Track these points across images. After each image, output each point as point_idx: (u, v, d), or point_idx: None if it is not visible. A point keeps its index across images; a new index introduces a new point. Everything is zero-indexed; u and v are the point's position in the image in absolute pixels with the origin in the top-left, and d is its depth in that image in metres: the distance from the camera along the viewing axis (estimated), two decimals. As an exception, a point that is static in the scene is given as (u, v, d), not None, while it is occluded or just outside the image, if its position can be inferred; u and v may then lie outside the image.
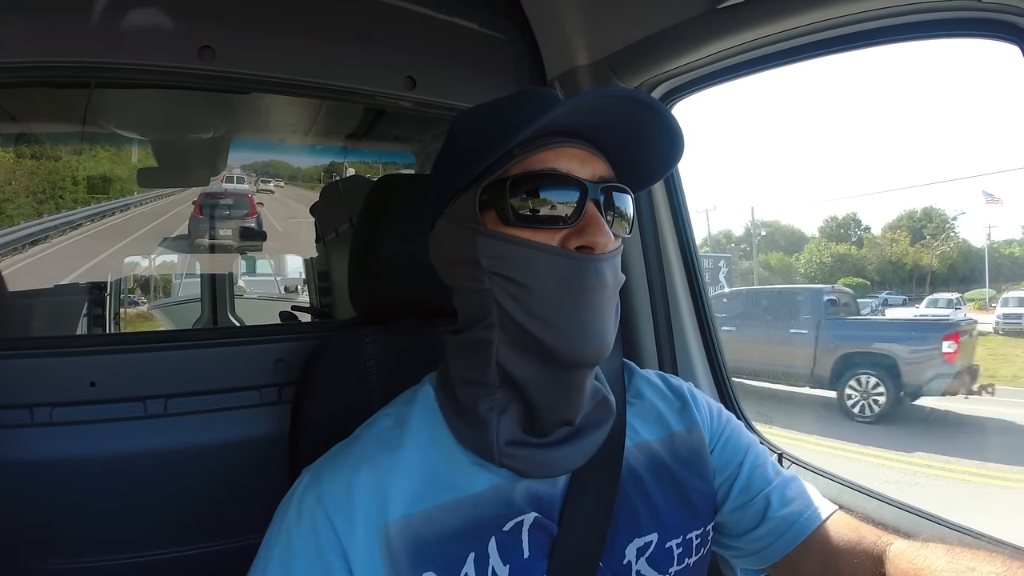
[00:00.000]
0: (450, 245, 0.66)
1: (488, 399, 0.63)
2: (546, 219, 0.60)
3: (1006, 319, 13.11)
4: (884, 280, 18.52)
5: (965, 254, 19.05)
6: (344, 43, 1.16)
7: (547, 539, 0.63)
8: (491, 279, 0.61)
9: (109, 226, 4.51)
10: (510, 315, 0.60)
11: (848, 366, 5.63)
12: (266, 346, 1.10)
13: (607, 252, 0.61)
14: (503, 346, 0.62)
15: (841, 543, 0.68)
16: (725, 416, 0.80)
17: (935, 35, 0.85)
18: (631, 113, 0.61)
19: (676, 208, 1.28)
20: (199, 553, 1.05)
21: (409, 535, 0.60)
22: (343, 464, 0.63)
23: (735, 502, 0.74)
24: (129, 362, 1.01)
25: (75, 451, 0.96)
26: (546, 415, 0.63)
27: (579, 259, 0.60)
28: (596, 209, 0.61)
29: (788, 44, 0.96)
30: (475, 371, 0.64)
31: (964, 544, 0.62)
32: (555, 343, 0.59)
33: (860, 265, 19.48)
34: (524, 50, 1.31)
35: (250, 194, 3.81)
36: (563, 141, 0.62)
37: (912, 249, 19.24)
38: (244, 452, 1.05)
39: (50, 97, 1.70)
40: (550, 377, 0.62)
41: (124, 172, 3.60)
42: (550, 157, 0.61)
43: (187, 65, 1.04)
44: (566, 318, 0.59)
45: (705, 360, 1.28)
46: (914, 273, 19.10)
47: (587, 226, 0.60)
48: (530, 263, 0.60)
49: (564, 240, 0.60)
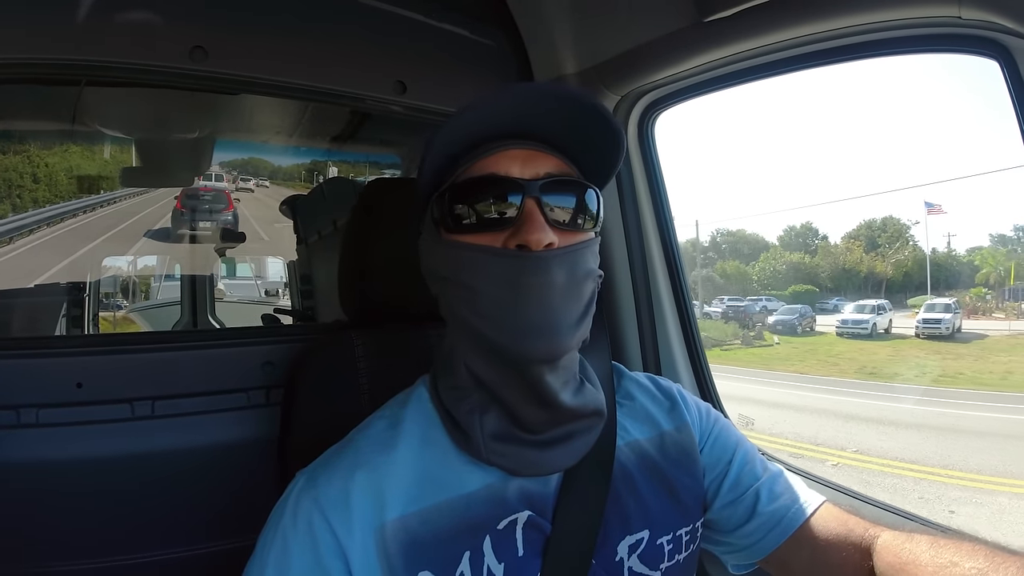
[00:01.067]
0: (424, 257, 0.70)
1: (466, 401, 0.65)
2: (488, 222, 0.63)
3: (925, 324, 15.01)
4: (838, 287, 19.60)
5: (920, 262, 20.00)
6: (336, 47, 1.17)
7: (541, 537, 0.65)
8: (445, 285, 0.65)
9: (73, 228, 4.31)
10: (462, 318, 0.64)
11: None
12: (254, 348, 1.10)
13: (554, 248, 0.61)
14: (465, 349, 0.65)
15: (830, 536, 0.70)
16: (714, 415, 0.82)
17: (917, 50, 0.88)
18: (559, 108, 0.63)
19: (659, 210, 1.31)
20: (187, 556, 1.03)
21: (404, 536, 0.60)
22: (339, 466, 0.64)
23: (725, 499, 0.76)
24: (116, 363, 1.00)
25: (62, 453, 0.95)
26: (524, 414, 0.64)
27: (516, 257, 0.61)
28: (535, 206, 0.62)
29: (773, 57, 1.00)
30: (451, 376, 0.67)
31: (948, 536, 0.64)
32: (501, 341, 0.61)
33: (813, 273, 20.37)
34: (513, 58, 1.33)
35: (227, 190, 3.84)
36: (507, 143, 0.64)
37: (867, 257, 20.23)
38: (232, 455, 1.04)
39: (35, 94, 1.66)
40: (510, 376, 0.63)
41: (94, 169, 3.52)
42: (491, 162, 0.64)
43: (178, 65, 1.04)
44: (509, 316, 0.60)
45: (687, 360, 1.31)
46: (869, 280, 20.05)
47: (522, 224, 0.61)
48: (472, 266, 0.62)
49: (506, 240, 0.62)
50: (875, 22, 0.86)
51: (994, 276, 18.20)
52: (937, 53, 0.88)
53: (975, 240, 19.73)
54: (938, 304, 16.40)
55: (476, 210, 0.63)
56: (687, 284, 1.31)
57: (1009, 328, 16.04)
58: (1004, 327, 16.16)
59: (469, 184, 0.64)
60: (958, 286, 18.50)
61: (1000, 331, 15.98)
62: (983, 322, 16.28)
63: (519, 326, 0.60)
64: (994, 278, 18.19)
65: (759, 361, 11.89)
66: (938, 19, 0.80)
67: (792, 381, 9.61)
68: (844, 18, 0.88)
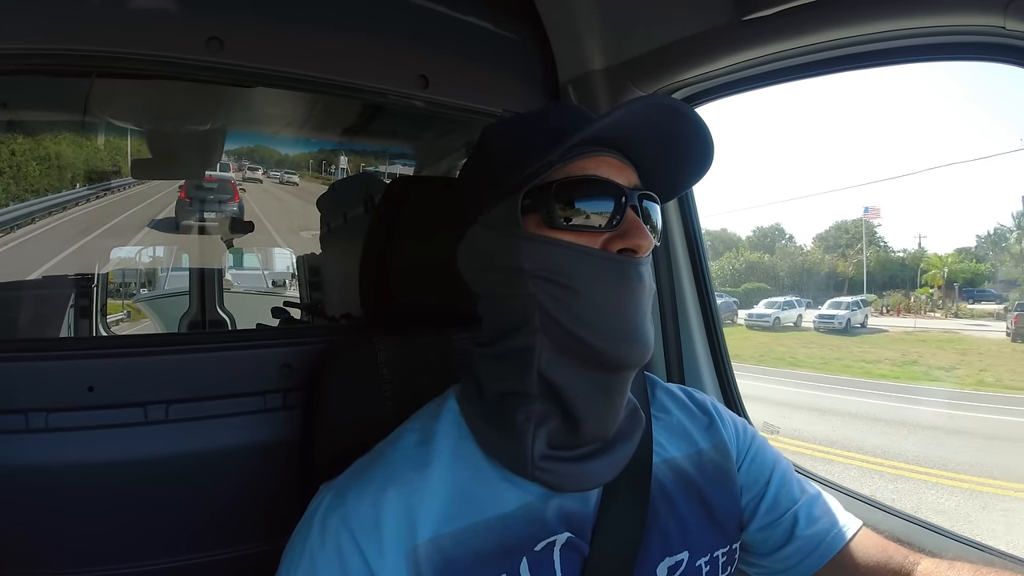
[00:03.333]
0: (485, 251, 0.66)
1: (526, 409, 0.62)
2: (589, 223, 0.61)
3: (821, 319, 17.13)
4: (797, 285, 21.31)
5: (883, 262, 21.82)
6: (356, 39, 1.13)
7: (579, 559, 0.62)
8: (534, 283, 0.61)
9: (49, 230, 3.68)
10: (555, 319, 0.60)
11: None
12: (271, 350, 1.07)
13: (643, 256, 0.62)
14: (546, 352, 0.61)
15: (868, 562, 0.69)
16: (751, 432, 0.80)
17: (957, 58, 0.85)
18: (666, 123, 0.62)
19: (687, 214, 1.28)
20: (203, 563, 1.02)
21: (438, 558, 0.58)
22: (368, 483, 0.61)
23: (762, 520, 0.73)
24: (128, 366, 0.97)
25: (73, 458, 0.92)
26: (586, 424, 0.62)
27: (623, 261, 0.61)
28: (635, 214, 0.62)
29: (810, 58, 0.96)
30: (512, 381, 0.63)
31: (990, 564, 0.62)
32: (601, 344, 0.59)
33: (772, 272, 22.18)
34: (537, 52, 1.30)
35: (233, 180, 3.76)
36: (599, 150, 0.63)
37: (829, 257, 21.98)
38: (249, 459, 1.02)
39: (43, 85, 1.63)
40: (593, 382, 0.61)
41: (80, 157, 3.33)
42: (590, 165, 0.62)
43: (193, 56, 1.00)
44: (612, 319, 0.60)
45: (712, 369, 1.29)
46: (831, 279, 21.64)
47: (629, 230, 0.61)
48: (576, 265, 0.60)
49: (606, 244, 0.61)
50: (916, 27, 0.83)
51: (939, 278, 20.09)
52: (978, 61, 0.85)
53: (921, 244, 22.04)
54: (843, 302, 18.47)
55: (580, 209, 0.61)
56: (713, 291, 1.29)
57: (914, 325, 17.99)
58: (910, 324, 18.09)
59: (576, 183, 0.62)
60: (905, 286, 20.61)
61: (904, 327, 17.87)
62: (912, 320, 18.43)
63: (620, 331, 0.60)
64: (938, 280, 20.10)
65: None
66: (981, 27, 0.77)
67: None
68: (884, 22, 0.85)
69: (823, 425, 7.56)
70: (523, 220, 0.62)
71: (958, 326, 17.36)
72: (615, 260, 0.61)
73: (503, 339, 0.65)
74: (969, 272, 20.51)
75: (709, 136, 0.63)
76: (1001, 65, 0.81)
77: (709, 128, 0.63)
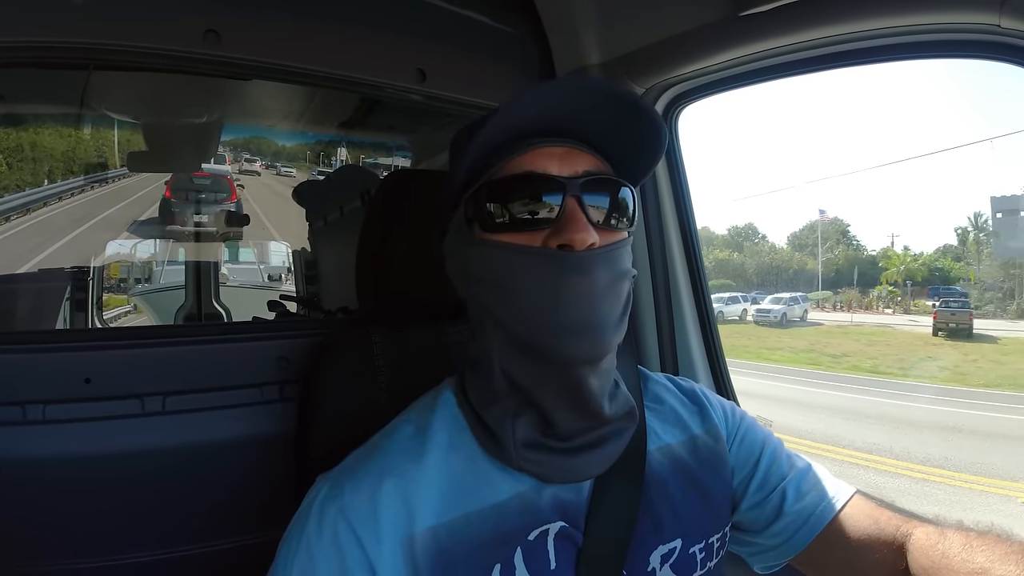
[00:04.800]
0: (452, 257, 0.68)
1: (498, 406, 0.63)
2: (526, 221, 0.61)
3: (758, 312, 17.86)
4: (764, 282, 22.23)
5: (851, 260, 22.44)
6: (354, 32, 1.13)
7: (572, 547, 0.63)
8: (480, 287, 0.63)
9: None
10: (499, 319, 0.62)
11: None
12: (267, 343, 1.07)
13: (595, 248, 0.60)
14: (501, 352, 0.63)
15: (860, 535, 0.69)
16: (739, 413, 0.80)
17: (953, 55, 0.87)
18: (600, 104, 0.61)
19: (681, 207, 1.29)
20: (200, 554, 1.02)
21: (434, 547, 0.59)
22: (365, 474, 0.62)
23: (752, 500, 0.74)
24: (125, 358, 0.97)
25: (70, 450, 0.92)
26: (560, 418, 0.62)
27: (557, 256, 0.59)
28: (576, 205, 0.60)
29: (807, 54, 0.97)
30: (484, 380, 0.65)
31: (981, 537, 0.62)
32: (543, 343, 0.59)
33: (740, 270, 23.17)
34: (535, 46, 1.30)
35: (229, 175, 3.55)
36: (542, 141, 0.62)
37: (799, 255, 22.78)
38: (245, 451, 1.03)
39: (39, 76, 1.62)
40: (550, 378, 0.61)
41: (60, 147, 3.04)
42: (527, 160, 0.62)
43: (190, 49, 1.00)
44: (552, 317, 0.59)
45: (705, 359, 1.30)
46: (800, 277, 22.54)
47: (564, 224, 0.60)
48: (511, 266, 0.60)
49: (546, 240, 0.60)
50: (912, 25, 0.84)
51: (897, 275, 20.94)
52: (973, 59, 0.85)
53: (894, 243, 22.58)
54: (782, 297, 19.33)
55: (514, 209, 0.61)
56: (707, 283, 1.30)
57: (851, 320, 19.12)
58: (848, 319, 19.22)
59: (507, 182, 0.62)
60: (873, 283, 21.28)
61: (840, 322, 18.90)
62: (852, 315, 19.40)
63: (562, 326, 0.59)
64: (897, 277, 20.93)
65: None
66: (976, 26, 0.78)
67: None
68: (881, 19, 0.86)
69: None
70: (469, 225, 0.63)
71: (899, 322, 18.31)
72: (549, 256, 0.60)
73: (474, 339, 0.67)
74: (947, 269, 21.45)
75: (646, 111, 0.62)
76: (996, 63, 0.82)
77: (640, 102, 0.62)
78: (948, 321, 16.16)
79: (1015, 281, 19.42)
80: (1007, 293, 19.52)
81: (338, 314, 1.37)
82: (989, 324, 17.25)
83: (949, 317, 16.34)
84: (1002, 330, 16.36)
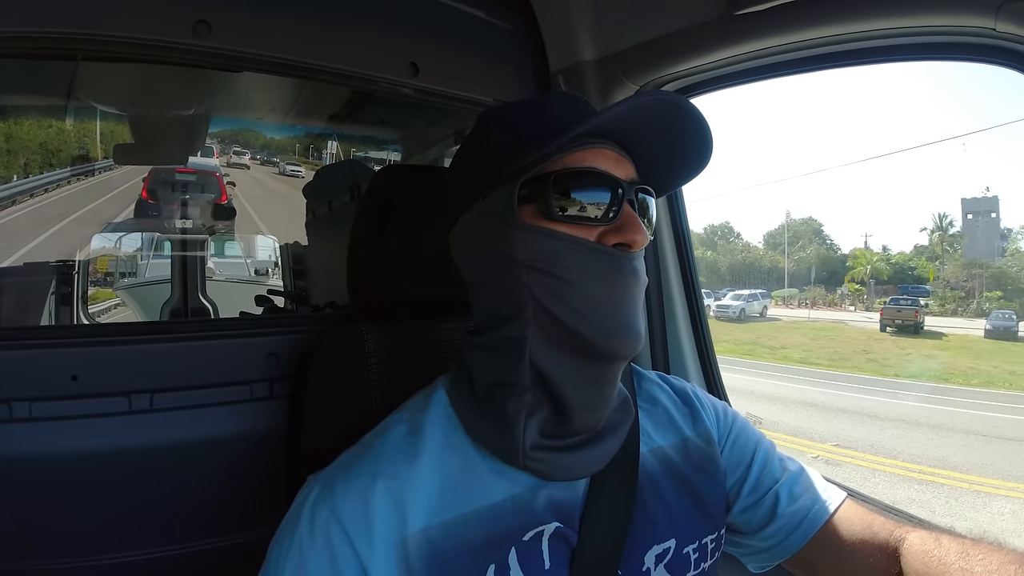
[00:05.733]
0: (479, 240, 0.65)
1: (517, 399, 0.62)
2: (585, 216, 0.61)
3: (718, 307, 18.65)
4: (736, 279, 23.72)
5: (823, 259, 24.14)
6: (346, 24, 1.11)
7: (567, 548, 0.63)
8: (528, 273, 0.61)
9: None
10: (548, 309, 0.60)
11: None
12: (257, 339, 1.06)
13: (637, 250, 0.62)
14: (538, 343, 0.62)
15: (854, 538, 0.70)
16: (731, 415, 0.81)
17: (947, 57, 0.87)
18: (666, 118, 0.62)
19: (675, 208, 1.30)
20: (189, 553, 1.01)
21: (428, 549, 0.58)
22: (357, 475, 0.61)
23: (745, 502, 0.75)
24: (113, 355, 0.95)
25: (57, 448, 0.91)
26: (577, 415, 0.62)
27: (618, 255, 0.61)
28: (631, 209, 0.62)
29: (801, 54, 0.97)
30: (504, 371, 0.63)
31: (978, 545, 0.63)
32: (594, 336, 0.60)
33: (713, 266, 24.76)
34: (529, 42, 1.29)
35: (219, 173, 3.28)
36: (598, 142, 0.63)
37: (771, 254, 24.16)
38: (235, 449, 1.01)
39: (25, 67, 1.58)
40: (585, 373, 0.62)
41: (37, 139, 2.86)
42: (588, 157, 0.62)
43: (180, 40, 0.98)
44: (605, 311, 0.60)
45: (696, 358, 1.30)
46: (772, 274, 23.85)
47: (625, 224, 0.61)
48: (571, 257, 0.60)
49: (601, 236, 0.61)
50: (907, 27, 0.85)
51: (864, 274, 22.46)
52: (967, 62, 0.86)
53: (868, 243, 25.17)
54: (744, 294, 20.79)
55: (580, 201, 0.61)
56: (699, 283, 1.30)
57: (808, 316, 20.72)
58: (805, 315, 20.84)
59: (575, 175, 0.61)
60: (835, 281, 23.12)
61: (797, 318, 20.47)
62: (821, 311, 20.92)
63: (613, 323, 0.60)
64: (863, 275, 22.43)
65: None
66: (972, 28, 0.79)
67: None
68: (876, 20, 0.86)
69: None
70: (519, 210, 0.62)
71: (857, 318, 19.86)
72: (610, 254, 0.61)
73: (495, 329, 0.65)
74: (920, 268, 23.07)
75: (708, 132, 0.63)
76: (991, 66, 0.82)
77: (708, 124, 0.63)
78: (894, 318, 17.81)
79: (977, 281, 20.48)
80: (968, 292, 20.57)
81: (327, 309, 1.36)
82: (948, 321, 18.94)
83: (895, 314, 17.97)
84: (955, 327, 17.93)
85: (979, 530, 0.68)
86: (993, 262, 22.26)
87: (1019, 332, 16.57)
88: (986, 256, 22.69)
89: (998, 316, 17.51)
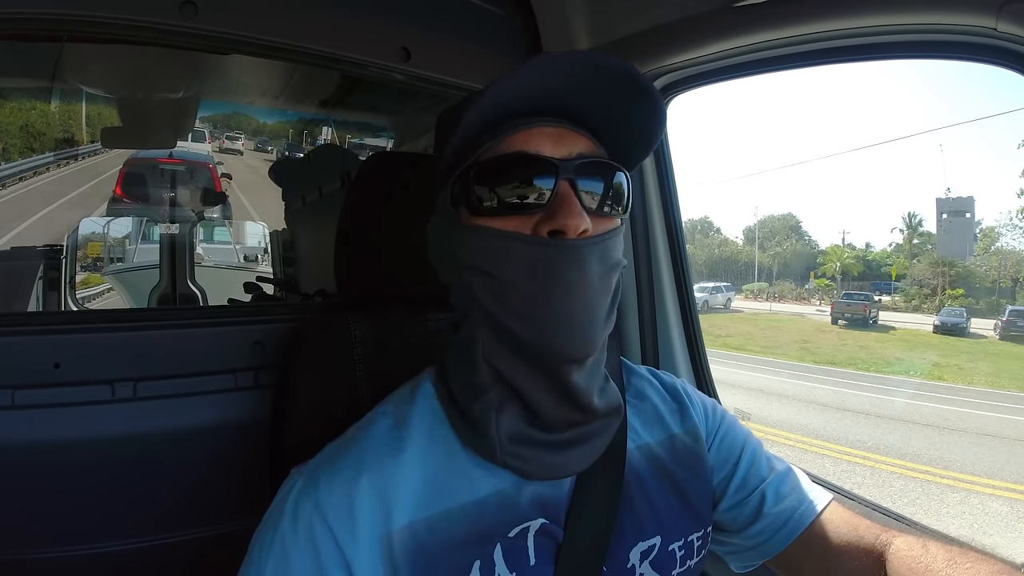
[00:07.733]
0: (435, 243, 0.65)
1: (482, 399, 0.61)
2: (516, 205, 0.57)
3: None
4: (713, 273, 24.66)
5: (799, 254, 25.25)
6: (337, 7, 1.09)
7: (552, 545, 0.62)
8: (469, 274, 0.59)
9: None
10: (488, 310, 0.58)
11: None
12: (242, 327, 1.04)
13: (587, 236, 0.57)
14: (488, 344, 0.60)
15: (839, 540, 0.69)
16: (720, 412, 0.80)
17: (947, 56, 0.85)
18: (596, 81, 0.57)
19: (666, 197, 1.28)
20: (173, 542, 1.00)
21: (412, 545, 0.57)
22: (341, 468, 0.59)
23: (731, 500, 0.74)
24: (96, 342, 0.94)
25: (39, 436, 0.89)
26: (547, 414, 0.60)
27: (550, 245, 0.56)
28: (570, 189, 0.57)
29: (800, 48, 0.95)
30: (467, 371, 0.62)
31: (965, 552, 0.62)
32: (531, 338, 0.57)
33: (690, 260, 26.17)
34: (523, 29, 1.27)
35: (209, 163, 3.08)
36: (534, 121, 0.59)
37: (748, 249, 25.25)
38: (218, 439, 1.00)
39: (11, 48, 1.54)
40: (538, 375, 0.59)
41: (16, 123, 2.80)
42: (519, 140, 0.58)
43: (167, 21, 0.96)
44: (542, 311, 0.56)
45: (687, 353, 1.30)
46: (749, 268, 24.80)
47: (557, 208, 0.56)
48: (500, 253, 0.57)
49: (536, 226, 0.57)
50: (908, 24, 0.83)
51: (835, 270, 23.48)
52: (967, 61, 0.85)
53: (845, 239, 26.17)
54: (708, 286, 21.74)
55: (504, 192, 0.57)
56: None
57: (770, 308, 21.90)
58: (766, 307, 21.98)
59: (496, 163, 0.58)
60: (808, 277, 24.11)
61: (758, 310, 21.48)
62: (783, 304, 22.16)
63: (553, 322, 0.56)
64: (833, 271, 23.45)
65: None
66: (973, 28, 0.77)
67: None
68: (877, 16, 0.84)
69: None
70: (456, 209, 0.60)
71: (818, 312, 20.94)
72: (541, 244, 0.56)
73: (458, 329, 0.64)
74: (895, 265, 24.18)
75: (636, 76, 0.57)
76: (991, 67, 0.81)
77: (630, 67, 0.57)
78: (844, 311, 19.24)
79: (941, 280, 21.33)
80: (933, 289, 21.41)
81: (316, 297, 1.34)
82: (909, 317, 20.10)
83: (845, 308, 19.44)
84: (912, 323, 19.14)
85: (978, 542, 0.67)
86: (963, 261, 23.06)
87: (968, 328, 17.35)
88: (959, 255, 23.49)
89: (949, 312, 18.61)
